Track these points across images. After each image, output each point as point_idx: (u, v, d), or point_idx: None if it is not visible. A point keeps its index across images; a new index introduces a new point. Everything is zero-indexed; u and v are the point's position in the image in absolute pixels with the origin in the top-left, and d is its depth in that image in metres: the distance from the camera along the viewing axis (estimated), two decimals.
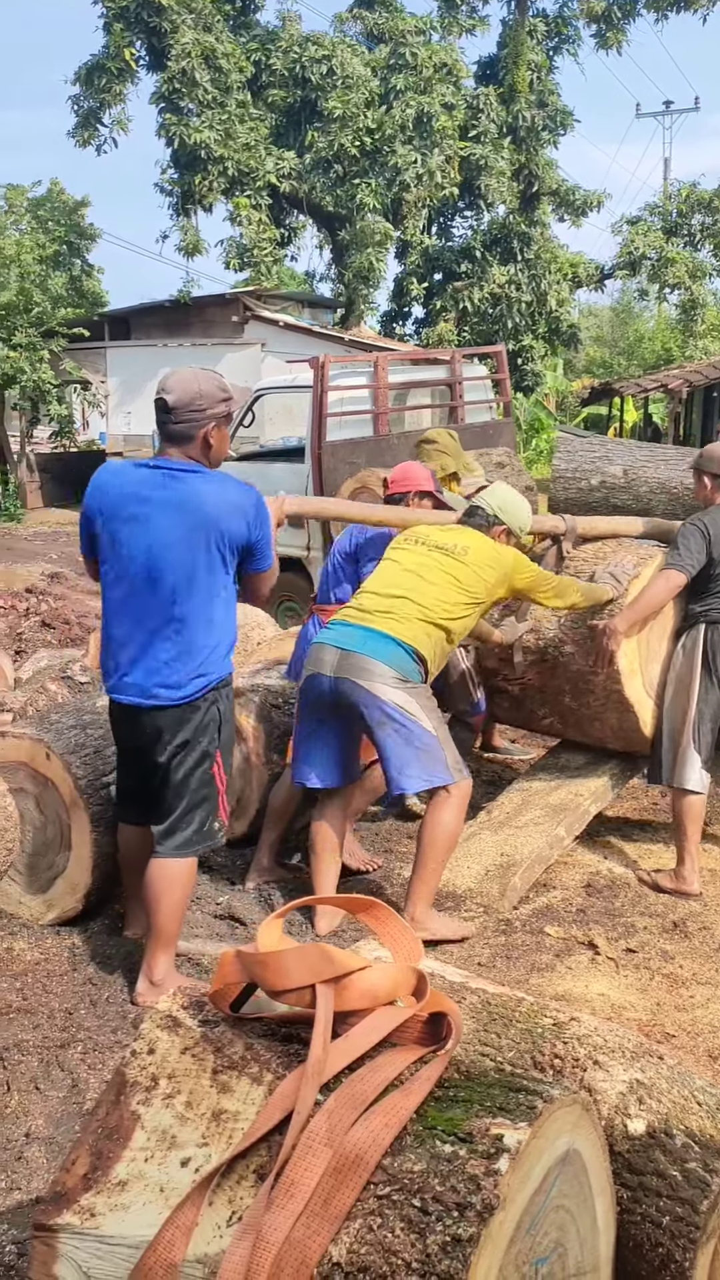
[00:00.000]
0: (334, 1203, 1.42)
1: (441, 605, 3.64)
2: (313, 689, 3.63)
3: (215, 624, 3.12)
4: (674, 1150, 1.84)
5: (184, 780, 3.16)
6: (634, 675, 4.25)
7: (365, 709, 3.49)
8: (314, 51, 19.25)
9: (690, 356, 24.41)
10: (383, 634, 3.54)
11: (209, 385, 3.08)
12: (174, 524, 3.04)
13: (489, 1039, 2.09)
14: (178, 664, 3.08)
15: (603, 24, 21.15)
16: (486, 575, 3.74)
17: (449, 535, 3.87)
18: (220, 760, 3.21)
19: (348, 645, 3.55)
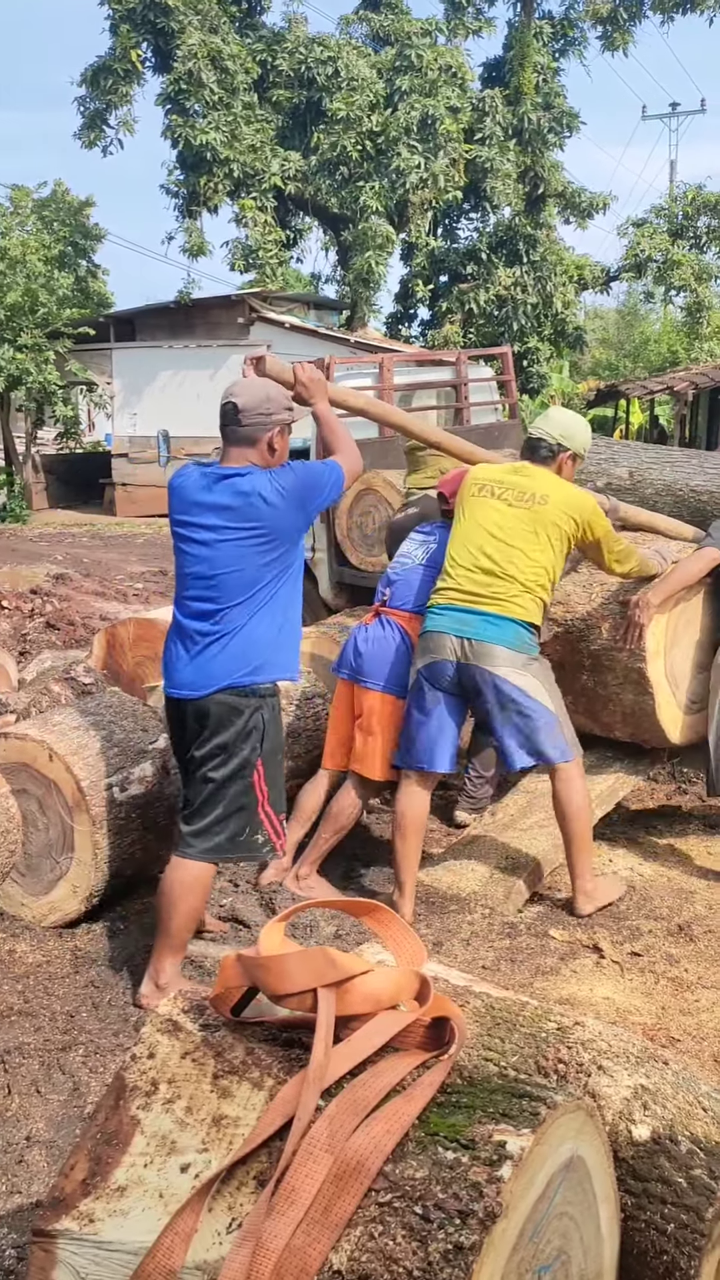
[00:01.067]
0: (335, 1210, 1.40)
1: (536, 570, 3.71)
2: (436, 676, 3.74)
3: (263, 626, 3.14)
4: (679, 1157, 1.82)
5: (221, 785, 3.15)
6: (658, 656, 4.23)
7: (493, 692, 3.66)
8: (319, 53, 19.26)
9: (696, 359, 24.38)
10: (498, 616, 3.66)
11: (276, 392, 3.19)
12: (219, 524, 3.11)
13: (492, 1043, 2.07)
14: (220, 661, 3.12)
15: (609, 26, 21.13)
16: (567, 523, 3.75)
17: (523, 480, 3.83)
18: (262, 771, 3.18)
19: (468, 633, 3.67)
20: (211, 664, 3.12)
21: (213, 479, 3.14)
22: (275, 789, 3.24)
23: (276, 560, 3.13)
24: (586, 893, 3.88)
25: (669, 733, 4.32)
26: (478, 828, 4.37)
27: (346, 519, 6.85)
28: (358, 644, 4.13)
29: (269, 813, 3.21)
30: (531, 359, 21.50)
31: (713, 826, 4.82)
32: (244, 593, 3.10)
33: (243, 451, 3.15)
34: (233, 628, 3.11)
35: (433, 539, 4.21)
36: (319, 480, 3.16)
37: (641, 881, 4.21)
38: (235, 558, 3.09)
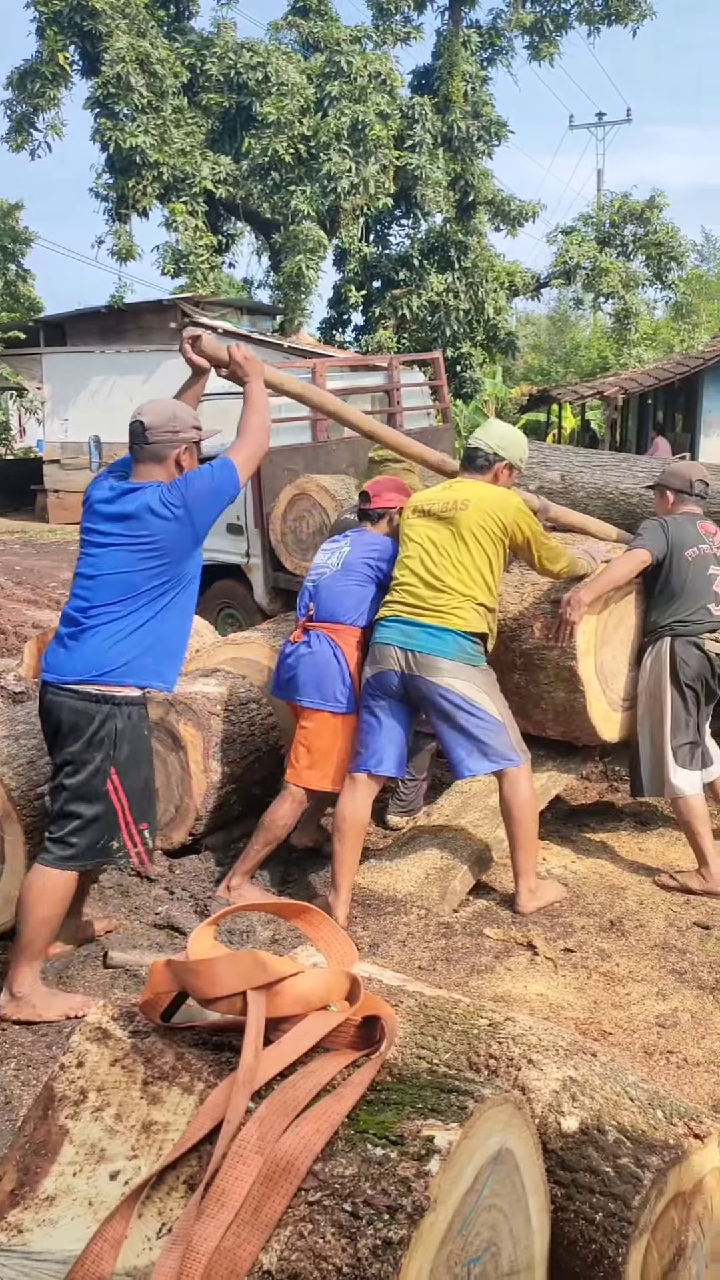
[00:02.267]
0: (265, 1210, 1.41)
1: (472, 577, 3.83)
2: (382, 685, 3.86)
3: (134, 631, 3.15)
4: (606, 1146, 1.86)
5: (74, 793, 3.16)
6: (588, 654, 4.29)
7: (438, 702, 3.77)
8: (249, 58, 19.21)
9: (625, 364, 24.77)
10: (439, 628, 3.78)
11: (182, 410, 3.28)
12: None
13: (425, 1041, 2.09)
14: (80, 653, 3.16)
15: (535, 36, 21.39)
16: (491, 523, 3.84)
17: (449, 493, 3.98)
18: (117, 780, 3.17)
19: (411, 645, 3.79)
20: (72, 655, 3.15)
21: (118, 491, 3.21)
22: (135, 797, 3.22)
23: (160, 571, 3.16)
24: (530, 890, 3.96)
25: (600, 730, 4.38)
26: (413, 829, 4.39)
27: (281, 524, 6.85)
28: (288, 662, 4.17)
29: (129, 821, 3.20)
30: (464, 364, 21.65)
31: (644, 823, 4.91)
32: (119, 595, 3.14)
33: (149, 468, 3.23)
34: (99, 624, 3.14)
35: (344, 542, 4.26)
36: (209, 488, 3.17)
37: (575, 879, 4.27)
38: (118, 563, 3.15)
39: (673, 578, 4.22)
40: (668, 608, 4.24)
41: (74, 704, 3.13)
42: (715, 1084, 2.90)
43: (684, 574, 4.21)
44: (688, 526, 4.29)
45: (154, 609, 3.18)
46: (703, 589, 4.22)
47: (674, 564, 4.21)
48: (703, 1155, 1.88)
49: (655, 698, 4.24)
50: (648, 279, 22.70)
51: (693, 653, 4.18)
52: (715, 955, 3.63)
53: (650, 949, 3.67)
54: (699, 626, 4.19)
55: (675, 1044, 3.07)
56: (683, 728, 4.19)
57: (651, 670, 4.26)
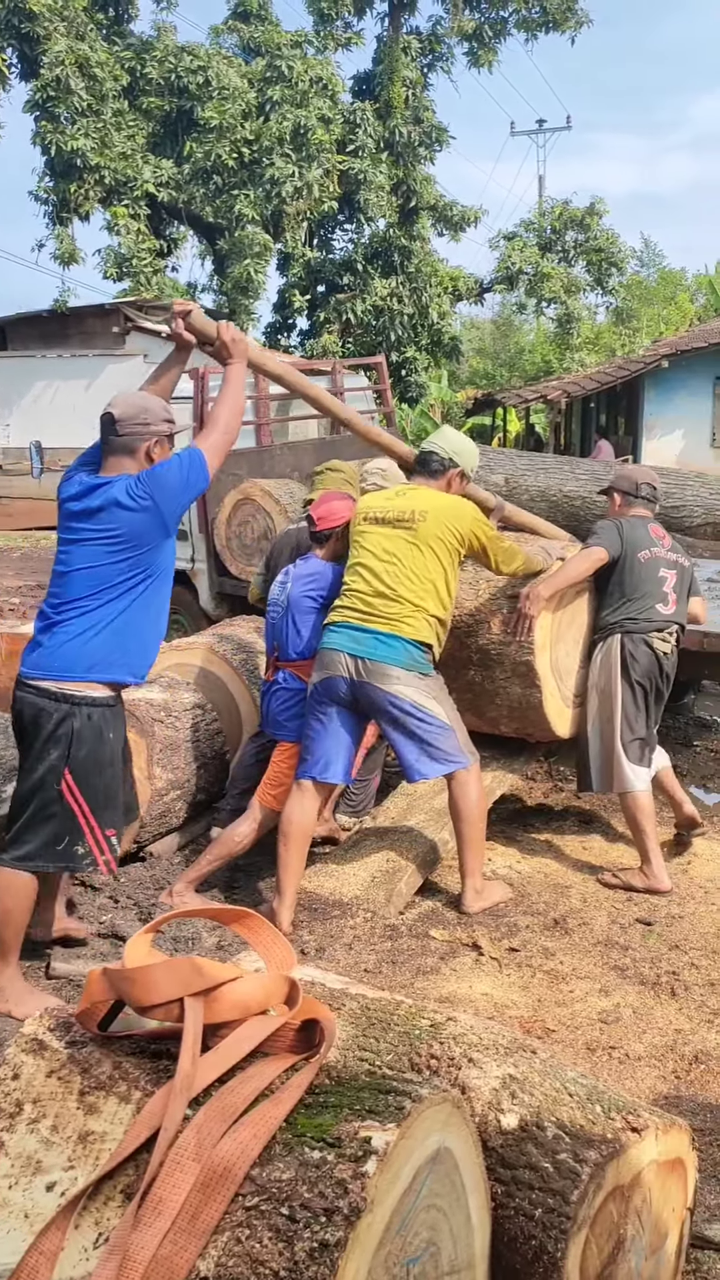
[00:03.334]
0: (202, 1217, 1.41)
1: (425, 588, 3.83)
2: (329, 690, 3.85)
3: (102, 626, 3.15)
4: (545, 1142, 1.87)
5: (29, 791, 3.14)
6: (545, 649, 4.34)
7: (388, 708, 3.78)
8: (189, 62, 19.13)
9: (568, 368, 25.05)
10: (389, 635, 3.78)
11: (153, 403, 3.25)
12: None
13: (367, 1043, 2.10)
14: (47, 649, 3.18)
15: (475, 43, 21.55)
16: (449, 535, 3.85)
17: (403, 501, 3.96)
18: (72, 781, 3.13)
19: (361, 651, 3.79)
20: (41, 652, 3.16)
21: (86, 486, 3.18)
22: (97, 801, 3.18)
23: (131, 564, 3.15)
24: (477, 890, 3.99)
25: (555, 725, 4.42)
26: (359, 832, 4.40)
27: (225, 529, 6.84)
28: (265, 698, 4.24)
29: (93, 826, 3.16)
30: (409, 368, 21.73)
31: (587, 822, 4.96)
32: (89, 590, 3.13)
33: (120, 461, 3.19)
34: (68, 619, 3.14)
35: (289, 579, 4.26)
36: (177, 480, 3.14)
37: (520, 878, 4.31)
38: (88, 557, 3.13)
39: (625, 577, 4.30)
40: (619, 606, 4.31)
41: (35, 700, 3.13)
42: (656, 1078, 2.94)
43: (637, 574, 4.29)
44: (640, 529, 4.37)
45: (125, 602, 3.16)
46: (653, 589, 4.30)
47: (627, 564, 4.29)
48: (640, 1148, 1.91)
49: (606, 694, 4.29)
50: (589, 284, 22.94)
51: (642, 650, 4.24)
52: (657, 951, 3.68)
53: (593, 946, 3.71)
54: (648, 625, 4.26)
55: (617, 1039, 3.11)
56: (633, 724, 4.25)
57: (602, 666, 4.32)
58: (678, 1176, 2.03)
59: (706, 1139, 2.66)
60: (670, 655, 4.31)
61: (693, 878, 4.31)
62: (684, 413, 20.76)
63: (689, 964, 3.58)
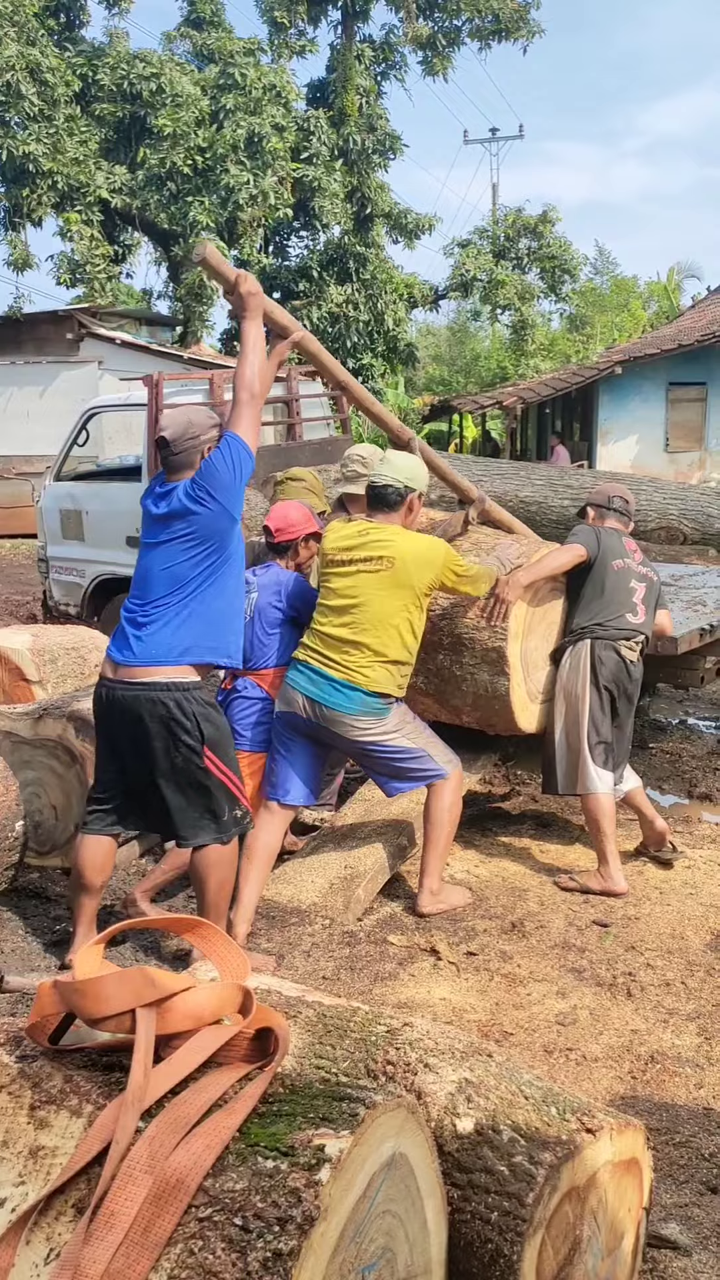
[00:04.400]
0: (154, 1230, 1.40)
1: (390, 635, 3.82)
2: (289, 723, 3.90)
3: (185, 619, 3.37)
4: (501, 1146, 1.88)
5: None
6: (517, 638, 4.37)
7: (345, 747, 3.90)
8: (142, 69, 19.11)
9: (523, 375, 25.25)
10: (349, 686, 3.77)
11: (198, 415, 3.46)
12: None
13: (324, 1050, 2.09)
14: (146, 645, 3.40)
15: (428, 51, 21.72)
16: (422, 578, 3.86)
17: (371, 541, 3.89)
18: (212, 755, 3.39)
19: (316, 695, 3.80)
20: (142, 645, 3.33)
21: (159, 495, 3.44)
22: (236, 767, 3.50)
23: (202, 556, 3.35)
24: (433, 892, 4.01)
25: (518, 717, 4.42)
26: (316, 839, 4.40)
27: None
28: (226, 711, 4.17)
29: (241, 789, 3.48)
30: (366, 375, 21.82)
31: (545, 826, 4.99)
32: (170, 588, 3.34)
33: (182, 474, 3.41)
34: (155, 617, 3.34)
35: (252, 586, 4.23)
36: (226, 473, 3.33)
37: (478, 882, 4.32)
38: (165, 559, 3.36)
39: (598, 584, 4.38)
40: (590, 611, 4.38)
41: (144, 695, 3.29)
42: (613, 1078, 2.96)
43: (609, 581, 4.37)
44: (615, 539, 4.48)
45: (204, 589, 3.36)
46: (624, 598, 4.37)
47: (601, 569, 4.38)
48: (596, 1149, 1.92)
49: (574, 697, 4.35)
50: (543, 291, 23.18)
51: (610, 656, 4.30)
52: (613, 952, 3.71)
53: (551, 949, 3.73)
54: (617, 632, 4.33)
55: (574, 1041, 3.13)
56: (598, 727, 4.30)
57: (571, 669, 4.38)
58: (633, 1176, 2.05)
59: (662, 1138, 2.68)
60: (637, 664, 4.38)
61: (648, 879, 4.35)
62: (638, 418, 21.00)
63: (645, 965, 3.61)
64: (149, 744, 3.30)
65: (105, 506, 7.80)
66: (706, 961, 3.64)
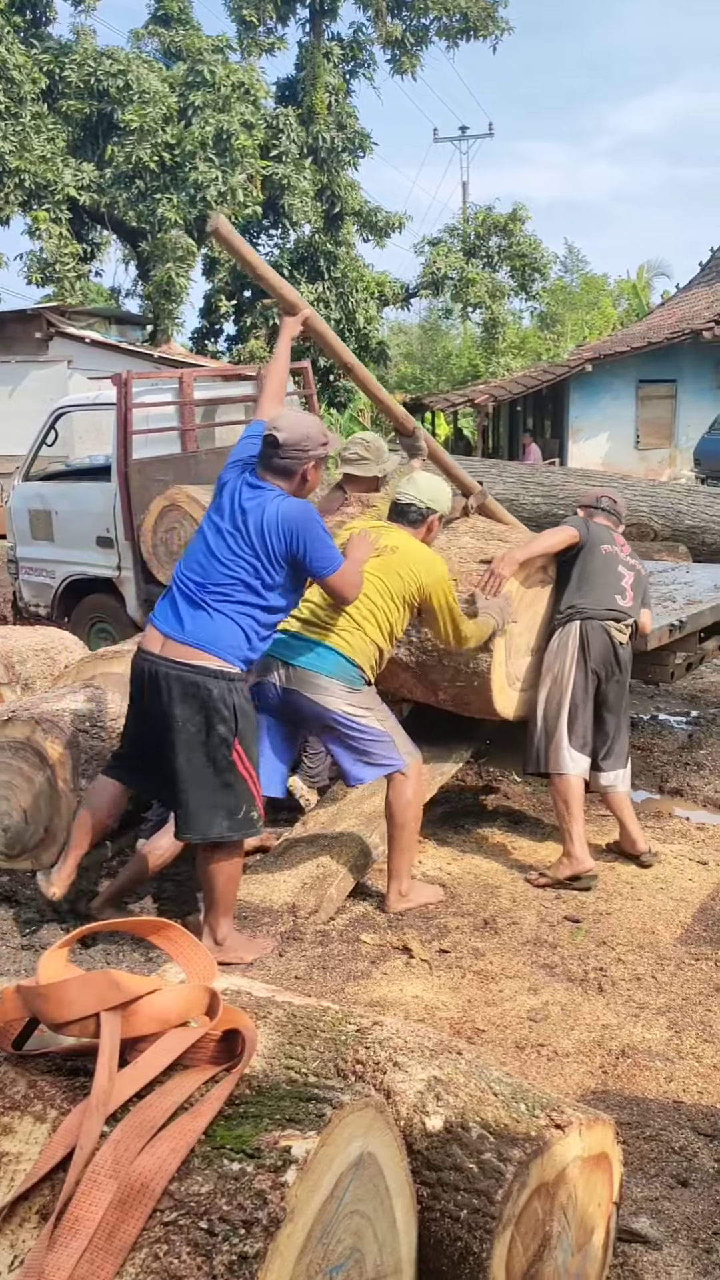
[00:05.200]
0: (119, 1235, 1.39)
1: (371, 611, 3.86)
2: (260, 695, 3.79)
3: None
4: (470, 1143, 1.88)
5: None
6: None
7: (315, 718, 3.81)
8: (109, 66, 18.99)
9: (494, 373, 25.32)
10: (325, 646, 3.80)
11: (314, 429, 3.46)
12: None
13: (294, 1051, 2.09)
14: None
15: (397, 49, 21.72)
16: (408, 577, 3.90)
17: (381, 534, 4.01)
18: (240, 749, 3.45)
19: (289, 657, 3.79)
20: (196, 627, 3.43)
21: (250, 485, 3.47)
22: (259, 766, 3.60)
23: (266, 574, 3.42)
24: (401, 892, 4.00)
25: (496, 698, 4.43)
26: (288, 838, 4.39)
27: (151, 536, 6.77)
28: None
29: (259, 791, 3.54)
30: (338, 374, 21.79)
31: (517, 823, 5.00)
32: (229, 581, 3.42)
33: (276, 478, 3.45)
34: (215, 606, 3.41)
35: None
36: (307, 560, 3.44)
37: (450, 880, 4.33)
38: (232, 553, 3.41)
39: (587, 565, 4.49)
40: (579, 592, 4.47)
41: (192, 679, 3.36)
42: (585, 1073, 2.97)
43: (597, 564, 4.48)
44: (604, 530, 4.62)
45: (257, 599, 3.43)
46: (612, 580, 4.47)
47: (589, 553, 4.50)
48: (565, 1145, 1.92)
49: (559, 676, 4.40)
50: (513, 289, 23.24)
51: (599, 637, 4.36)
52: (585, 948, 3.72)
53: (522, 945, 3.74)
54: (606, 613, 4.40)
55: (546, 1037, 3.14)
56: (578, 709, 4.35)
57: (559, 649, 4.44)
58: (603, 1171, 2.05)
59: (633, 1132, 2.69)
60: (625, 646, 4.43)
61: (619, 875, 4.37)
62: (608, 416, 21.12)
63: (616, 960, 3.63)
64: (185, 725, 3.33)
65: (75, 507, 7.75)
66: (677, 956, 3.66)
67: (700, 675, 7.33)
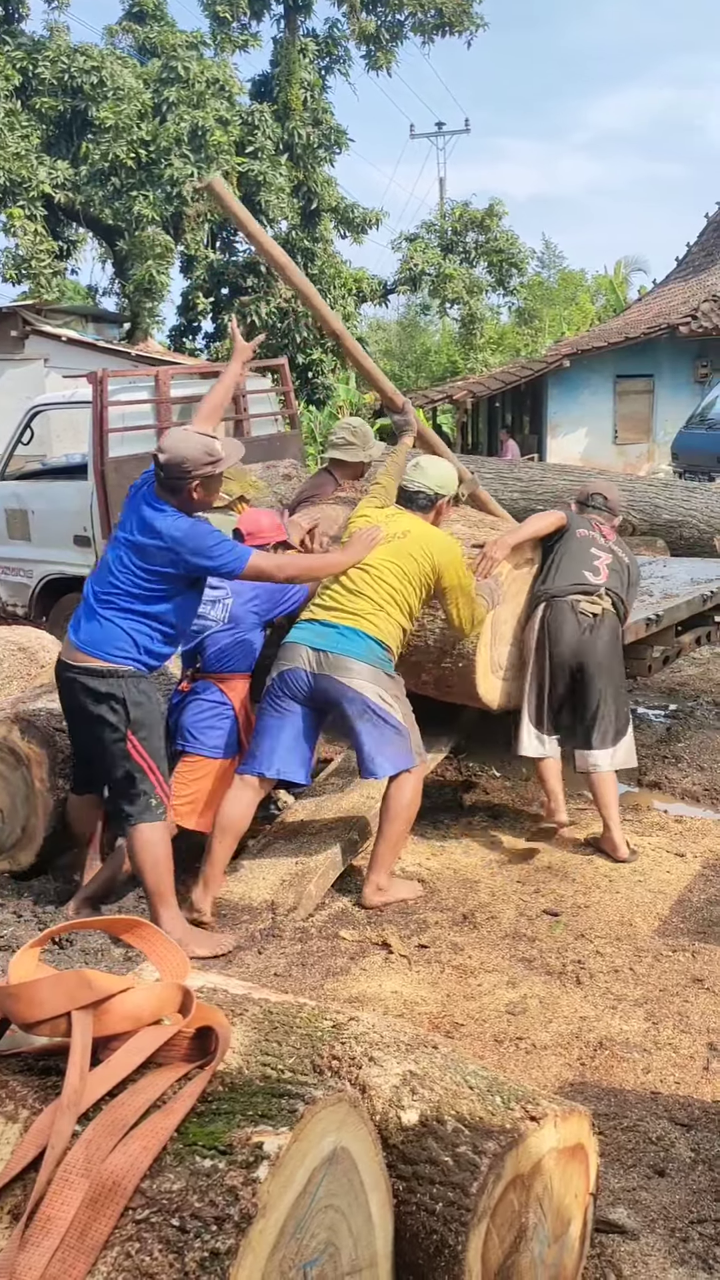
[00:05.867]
0: (91, 1234, 1.38)
1: (391, 594, 3.96)
2: (290, 684, 3.90)
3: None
4: (445, 1136, 1.89)
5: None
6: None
7: (346, 703, 3.85)
8: (83, 62, 18.86)
9: (473, 369, 25.32)
10: (355, 631, 3.89)
11: (194, 450, 3.48)
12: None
13: (270, 1047, 2.08)
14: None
15: (372, 45, 21.68)
16: (423, 559, 4.00)
17: (390, 522, 4.13)
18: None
19: (325, 645, 3.88)
20: (89, 633, 3.64)
21: (149, 503, 3.58)
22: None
23: (158, 583, 3.59)
24: (380, 886, 4.03)
25: (479, 683, 4.45)
26: (267, 835, 4.38)
27: None
28: (181, 713, 4.20)
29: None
30: (316, 370, 21.74)
31: (496, 817, 5.01)
32: (122, 588, 3.58)
33: (165, 494, 3.53)
34: (108, 612, 3.59)
35: (225, 595, 4.24)
36: (205, 559, 3.56)
37: (429, 875, 4.33)
38: (127, 562, 3.58)
39: (559, 551, 4.63)
40: (548, 577, 4.60)
41: (82, 682, 3.60)
42: (562, 1065, 2.98)
43: (570, 546, 4.63)
44: (585, 522, 4.75)
45: (149, 607, 3.57)
46: (583, 558, 4.60)
47: (567, 539, 4.66)
48: (540, 1137, 1.93)
49: (527, 661, 4.55)
50: (490, 285, 23.24)
51: (564, 616, 4.47)
52: (563, 941, 3.74)
53: (501, 939, 3.75)
54: (571, 588, 4.51)
55: (524, 1030, 3.15)
56: (545, 692, 4.48)
57: (527, 633, 4.59)
58: (579, 1162, 2.06)
59: (610, 1123, 2.70)
60: (600, 618, 4.47)
61: (597, 868, 4.38)
62: (587, 411, 21.16)
63: (594, 952, 3.64)
64: (88, 723, 3.57)
65: (51, 506, 7.71)
66: (654, 947, 3.68)
67: (678, 669, 7.36)
